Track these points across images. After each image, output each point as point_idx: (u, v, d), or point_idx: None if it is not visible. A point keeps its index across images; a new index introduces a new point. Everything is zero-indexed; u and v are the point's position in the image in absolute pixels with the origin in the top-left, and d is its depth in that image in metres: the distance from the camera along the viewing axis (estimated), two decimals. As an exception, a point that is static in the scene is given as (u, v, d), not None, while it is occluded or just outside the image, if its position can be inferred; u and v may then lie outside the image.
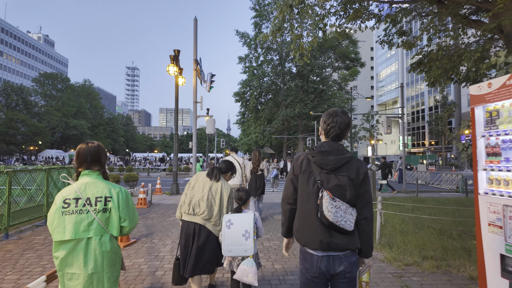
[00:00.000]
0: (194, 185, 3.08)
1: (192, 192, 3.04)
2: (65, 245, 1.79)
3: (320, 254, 1.77)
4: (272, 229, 6.49)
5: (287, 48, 32.01)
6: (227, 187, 3.11)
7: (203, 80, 15.26)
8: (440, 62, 8.44)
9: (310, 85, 31.58)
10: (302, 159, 1.93)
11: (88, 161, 1.92)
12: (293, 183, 1.94)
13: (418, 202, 8.67)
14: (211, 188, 3.03)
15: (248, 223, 2.66)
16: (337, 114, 1.90)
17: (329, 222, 1.71)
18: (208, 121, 13.37)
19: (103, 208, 1.85)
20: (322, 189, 1.77)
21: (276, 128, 32.46)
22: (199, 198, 2.98)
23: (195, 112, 13.45)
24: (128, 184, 12.77)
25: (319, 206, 1.76)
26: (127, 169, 27.21)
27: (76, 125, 70.26)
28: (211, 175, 3.10)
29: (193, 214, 2.97)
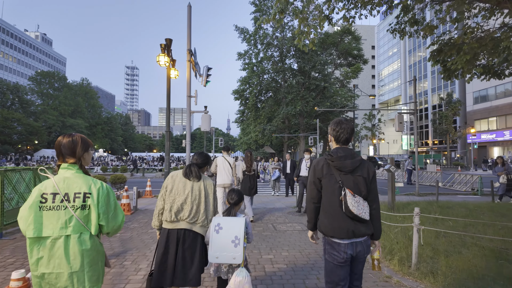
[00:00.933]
0: (172, 188, 2.76)
1: (172, 196, 2.74)
2: (41, 242, 1.71)
3: (346, 242, 2.14)
4: (276, 245, 5.29)
5: (288, 44, 30.80)
6: (210, 183, 2.85)
7: (199, 73, 14.08)
8: (468, 46, 7.23)
9: (312, 82, 30.36)
10: (322, 164, 2.25)
11: (62, 154, 1.85)
12: (316, 185, 2.25)
13: (444, 209, 7.49)
14: (192, 187, 2.76)
15: (238, 229, 2.51)
16: (343, 122, 2.33)
17: (353, 214, 2.09)
18: (203, 117, 12.18)
19: (81, 204, 1.77)
20: (344, 188, 2.15)
21: (276, 126, 31.24)
22: (182, 202, 2.70)
23: (188, 107, 12.25)
24: (115, 187, 11.60)
25: (342, 202, 2.13)
26: (121, 169, 26.04)
27: (73, 124, 69.15)
28: (189, 175, 2.78)
29: (176, 221, 2.69)
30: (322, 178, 2.22)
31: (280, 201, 10.57)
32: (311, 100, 29.96)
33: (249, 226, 2.72)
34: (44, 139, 62.19)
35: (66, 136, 1.89)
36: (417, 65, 59.10)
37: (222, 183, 6.60)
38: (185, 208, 2.70)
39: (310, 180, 2.31)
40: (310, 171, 2.34)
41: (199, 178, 2.79)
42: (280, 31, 33.31)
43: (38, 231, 1.69)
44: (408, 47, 62.12)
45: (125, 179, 11.63)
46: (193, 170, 2.80)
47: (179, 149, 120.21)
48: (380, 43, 76.61)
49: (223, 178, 6.62)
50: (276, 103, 34.18)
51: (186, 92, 12.15)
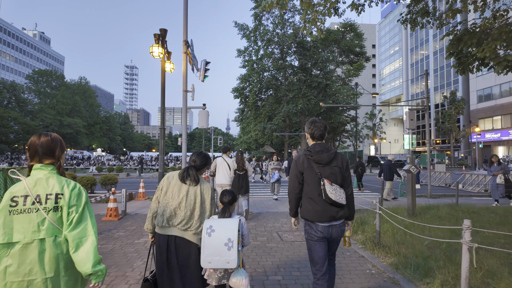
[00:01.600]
0: (167, 190, 2.54)
1: (165, 199, 2.50)
2: (10, 249, 1.60)
3: (326, 225, 2.51)
4: (284, 262, 4.43)
5: (289, 40, 29.93)
6: (207, 188, 2.61)
7: (196, 67, 13.25)
8: (498, 30, 6.35)
9: (314, 79, 29.47)
10: (303, 159, 2.59)
11: (39, 154, 1.75)
12: (298, 178, 2.58)
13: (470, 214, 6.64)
14: (188, 192, 2.52)
15: (232, 230, 2.35)
16: (316, 121, 2.70)
17: (332, 201, 2.44)
18: (200, 113, 11.34)
19: (53, 206, 1.68)
20: (322, 178, 2.50)
21: (277, 125, 30.36)
22: (175, 206, 2.47)
23: (185, 102, 11.40)
24: (105, 188, 10.74)
25: (322, 191, 2.47)
26: (117, 169, 25.18)
27: (71, 123, 68.23)
28: (186, 178, 2.54)
29: (167, 226, 2.45)
30: (303, 171, 2.55)
31: (284, 204, 9.72)
32: (313, 98, 29.09)
33: (245, 227, 2.55)
34: (41, 139, 61.16)
35: (43, 136, 1.80)
36: (419, 63, 58.28)
37: (220, 183, 6.93)
38: (178, 213, 2.48)
39: (292, 173, 2.62)
40: (292, 166, 2.62)
41: (197, 182, 2.54)
42: (281, 28, 32.45)
43: (8, 236, 1.60)
44: (410, 45, 61.30)
45: (116, 180, 10.77)
46: (191, 174, 2.54)
47: (178, 149, 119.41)
48: (381, 41, 75.77)
49: (221, 178, 6.95)
50: (277, 101, 33.32)
51: (182, 86, 11.30)
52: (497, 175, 9.52)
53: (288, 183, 2.69)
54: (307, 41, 30.86)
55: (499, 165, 9.70)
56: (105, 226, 6.54)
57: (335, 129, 38.20)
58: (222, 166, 7.00)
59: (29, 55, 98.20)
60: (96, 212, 8.20)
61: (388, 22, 72.37)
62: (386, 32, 72.98)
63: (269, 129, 30.28)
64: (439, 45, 52.14)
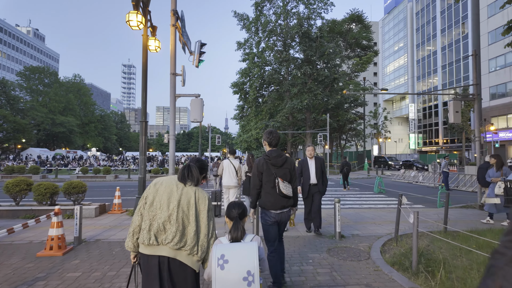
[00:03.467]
0: (153, 200, 2.10)
1: (152, 212, 2.07)
2: None
3: (277, 212, 3.33)
4: None
5: (293, 30, 27.50)
6: (204, 197, 2.17)
7: (188, 48, 10.85)
8: None
9: (320, 72, 27.05)
10: (263, 162, 3.37)
11: None
12: (259, 177, 3.36)
13: None
14: (180, 201, 2.08)
15: (250, 260, 1.90)
16: (273, 132, 3.48)
17: (284, 194, 3.29)
18: (193, 102, 8.95)
19: None
20: (277, 177, 3.32)
21: (281, 122, 27.94)
22: (164, 219, 2.04)
23: (172, 88, 9.02)
24: (70, 198, 8.32)
25: (276, 187, 3.29)
26: (104, 171, 22.75)
27: (64, 122, 65.65)
28: (187, 178, 2.17)
29: (156, 244, 2.02)
30: (263, 172, 3.36)
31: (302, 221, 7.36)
32: (319, 93, 26.69)
33: (262, 250, 2.09)
34: (32, 137, 58.79)
35: None
36: (425, 59, 55.98)
37: (226, 184, 7.20)
38: (168, 228, 2.02)
39: (254, 172, 3.39)
40: (254, 167, 3.39)
41: (196, 184, 2.18)
42: (284, 18, 30.04)
43: None
44: (416, 40, 59.01)
45: (84, 187, 8.35)
46: (194, 172, 2.18)
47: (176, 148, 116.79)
48: (385, 37, 73.47)
49: (227, 179, 7.18)
50: (280, 97, 30.91)
51: (170, 69, 8.93)
52: (495, 183, 6.99)
53: (251, 181, 3.46)
54: (313, 31, 28.48)
55: (500, 169, 7.14)
56: (38, 267, 4.15)
57: (342, 127, 35.78)
58: (229, 168, 7.21)
59: (22, 52, 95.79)
60: (36, 238, 5.79)
61: (392, 17, 70.08)
62: (390, 28, 70.69)
63: (271, 126, 27.83)
64: (448, 40, 49.86)
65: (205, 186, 17.68)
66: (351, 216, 8.08)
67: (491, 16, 40.30)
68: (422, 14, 57.14)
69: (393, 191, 15.09)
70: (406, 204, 10.30)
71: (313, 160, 6.18)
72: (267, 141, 3.44)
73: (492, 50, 40.23)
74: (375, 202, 11.44)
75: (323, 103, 27.55)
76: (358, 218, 7.85)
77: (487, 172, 7.35)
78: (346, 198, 12.56)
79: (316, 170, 6.07)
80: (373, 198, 12.58)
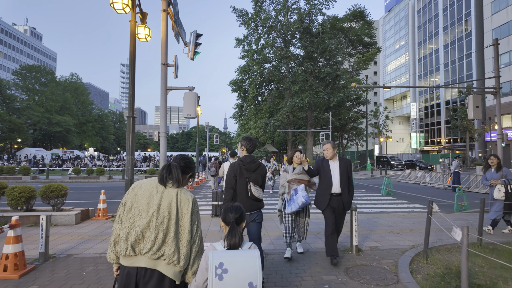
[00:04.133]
0: (132, 206, 1.93)
1: (130, 219, 1.89)
2: None
3: (248, 213, 3.43)
4: None
5: (294, 25, 26.61)
6: (186, 197, 1.97)
7: (183, 38, 10.00)
8: None
9: (322, 69, 26.14)
10: (237, 166, 3.51)
11: None
12: (235, 179, 3.48)
13: None
14: (160, 205, 1.89)
15: (253, 271, 1.66)
16: (251, 139, 3.68)
17: (254, 197, 3.41)
18: (186, 96, 8.09)
19: None
20: (249, 182, 3.44)
21: (281, 121, 27.01)
22: (143, 227, 1.85)
23: (164, 80, 8.16)
24: (48, 203, 7.41)
25: (248, 190, 3.42)
26: (97, 171, 21.84)
27: (60, 121, 64.62)
28: (167, 179, 1.96)
29: (133, 255, 1.82)
30: (237, 175, 3.48)
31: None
32: (321, 91, 25.79)
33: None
34: (27, 137, 57.81)
35: None
36: (427, 57, 55.15)
37: None
38: (147, 236, 1.84)
39: (229, 174, 3.51)
40: (229, 170, 3.55)
41: (178, 184, 1.97)
42: (284, 14, 29.14)
43: None
44: (418, 38, 58.16)
45: (65, 191, 7.44)
46: (174, 172, 1.96)
47: (174, 148, 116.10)
48: (386, 36, 72.63)
49: None
50: (280, 95, 30.02)
51: (161, 58, 8.06)
52: (494, 186, 6.17)
53: (226, 180, 3.54)
54: (314, 27, 27.59)
55: (499, 171, 6.27)
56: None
57: (344, 126, 34.85)
58: None
59: (19, 50, 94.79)
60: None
61: (393, 15, 69.26)
62: (391, 26, 69.85)
63: (272, 125, 26.89)
64: (450, 38, 49.03)
65: (203, 187, 16.80)
66: (364, 223, 7.20)
67: (495, 13, 39.42)
68: (423, 12, 56.31)
69: (402, 193, 14.22)
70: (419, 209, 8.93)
71: (337, 161, 4.63)
72: (245, 147, 3.64)
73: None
74: (386, 206, 10.55)
75: (325, 101, 26.65)
76: (372, 225, 6.97)
77: (483, 175, 6.43)
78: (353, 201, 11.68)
79: (341, 175, 4.54)
80: (383, 201, 11.69)
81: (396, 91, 67.73)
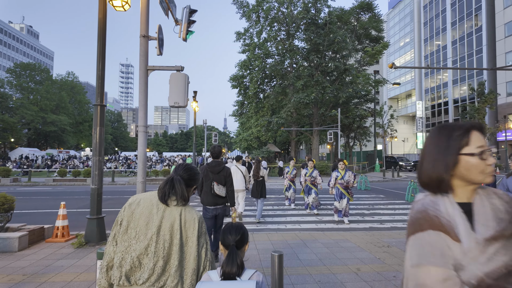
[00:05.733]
0: (127, 226, 1.65)
1: (126, 241, 1.62)
2: None
3: (212, 208, 4.43)
4: None
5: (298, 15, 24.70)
6: (192, 216, 1.69)
7: (173, 14, 8.08)
8: None
9: (330, 63, 24.24)
10: (204, 169, 4.50)
11: None
12: (201, 179, 4.06)
13: None
14: (160, 227, 1.62)
15: None
16: (214, 147, 4.75)
17: (217, 194, 4.38)
18: (173, 78, 6.20)
19: None
20: (213, 181, 4.41)
21: (285, 118, 25.10)
22: (140, 252, 1.58)
23: (144, 57, 6.25)
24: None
25: (212, 189, 4.39)
26: (84, 173, 19.95)
27: (55, 120, 62.82)
28: (169, 195, 1.67)
29: (128, 285, 1.57)
30: (204, 176, 4.46)
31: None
32: (328, 86, 23.89)
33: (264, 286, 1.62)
34: (20, 136, 55.99)
35: None
36: (434, 54, 53.27)
37: (235, 189, 7.21)
38: (144, 263, 1.57)
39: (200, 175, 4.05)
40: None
41: (185, 202, 1.68)
42: (287, 5, 27.26)
43: None
44: (424, 35, 56.28)
45: (10, 203, 5.55)
46: (178, 188, 1.68)
47: (173, 148, 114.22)
48: (390, 33, 70.75)
49: (236, 184, 7.26)
50: (283, 92, 28.13)
51: (140, 29, 6.16)
52: None
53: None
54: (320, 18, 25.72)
55: None
56: None
57: (350, 126, 32.90)
58: (236, 174, 7.63)
59: (15, 49, 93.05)
60: None
61: (397, 12, 67.41)
62: (395, 23, 67.99)
63: (275, 123, 24.94)
64: (459, 33, 47.16)
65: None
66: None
67: (507, 6, 37.53)
68: (430, 7, 54.44)
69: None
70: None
71: None
72: (211, 154, 4.79)
73: (509, 42, 37.56)
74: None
75: (332, 97, 24.76)
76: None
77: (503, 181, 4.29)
78: (376, 210, 9.82)
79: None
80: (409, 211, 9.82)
81: (400, 89, 65.87)
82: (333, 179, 8.09)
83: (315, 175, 9.23)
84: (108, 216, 6.44)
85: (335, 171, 8.18)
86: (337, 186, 7.97)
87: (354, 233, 6.47)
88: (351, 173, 8.05)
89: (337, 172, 8.11)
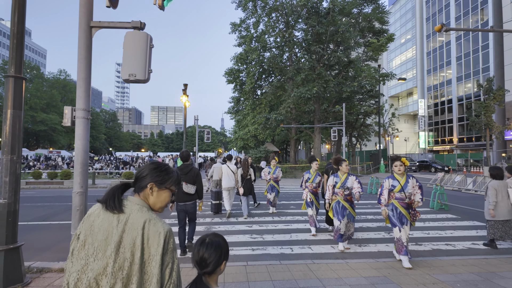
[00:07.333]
0: (85, 240, 1.42)
1: (82, 259, 1.39)
2: None
3: (181, 203, 5.36)
4: None
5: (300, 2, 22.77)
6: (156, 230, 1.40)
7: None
8: None
9: (333, 54, 22.33)
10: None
11: None
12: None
13: None
14: (121, 242, 1.38)
15: None
16: (183, 152, 5.63)
17: (186, 192, 5.32)
18: (128, 39, 4.26)
19: None
20: (182, 181, 4.99)
21: (284, 115, 23.14)
22: (98, 272, 1.36)
23: (85, 9, 4.29)
24: None
25: (182, 187, 5.18)
26: (62, 174, 17.93)
27: (45, 119, 60.73)
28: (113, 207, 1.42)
29: None
30: None
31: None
32: (331, 80, 21.98)
33: None
34: (7, 136, 53.60)
35: None
36: (437, 51, 51.56)
37: (226, 186, 8.36)
38: (102, 285, 1.35)
39: None
40: None
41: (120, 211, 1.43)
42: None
43: None
44: (426, 31, 54.56)
45: None
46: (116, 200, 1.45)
47: (169, 148, 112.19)
48: (391, 29, 68.96)
49: (227, 182, 8.34)
50: (282, 87, 26.19)
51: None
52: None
53: None
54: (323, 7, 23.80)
55: None
56: None
57: (353, 124, 30.99)
58: (227, 172, 8.36)
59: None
60: None
61: (398, 8, 65.72)
62: (396, 19, 66.25)
63: (273, 120, 22.97)
64: (464, 28, 45.45)
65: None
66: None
67: (516, -1, 35.92)
68: (433, 2, 52.72)
69: (455, 207, 10.45)
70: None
71: None
72: (181, 157, 5.66)
73: (518, 37, 35.91)
74: (452, 234, 6.74)
75: (335, 92, 22.84)
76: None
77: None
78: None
79: None
80: (441, 223, 7.89)
81: (401, 87, 64.18)
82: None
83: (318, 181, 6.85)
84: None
85: (334, 176, 5.77)
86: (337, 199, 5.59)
87: (388, 264, 4.55)
88: (355, 179, 5.62)
89: (336, 177, 5.70)
